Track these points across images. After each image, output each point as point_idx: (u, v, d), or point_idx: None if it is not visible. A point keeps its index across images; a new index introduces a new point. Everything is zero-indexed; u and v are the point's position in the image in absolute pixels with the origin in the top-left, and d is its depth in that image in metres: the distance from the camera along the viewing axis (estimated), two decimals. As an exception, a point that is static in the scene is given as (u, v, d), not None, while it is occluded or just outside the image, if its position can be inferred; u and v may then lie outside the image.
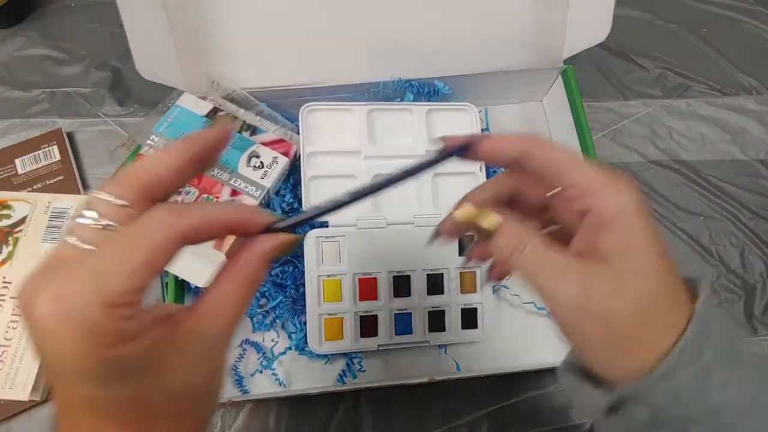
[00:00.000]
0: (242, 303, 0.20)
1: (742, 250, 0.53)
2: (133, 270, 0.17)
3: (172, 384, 0.19)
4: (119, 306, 0.17)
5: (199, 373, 0.20)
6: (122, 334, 0.17)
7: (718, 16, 0.65)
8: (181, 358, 0.19)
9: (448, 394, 0.45)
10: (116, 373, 0.17)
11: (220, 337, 0.20)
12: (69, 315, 0.16)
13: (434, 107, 0.48)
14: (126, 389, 0.18)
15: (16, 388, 0.40)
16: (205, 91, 0.48)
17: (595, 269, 0.21)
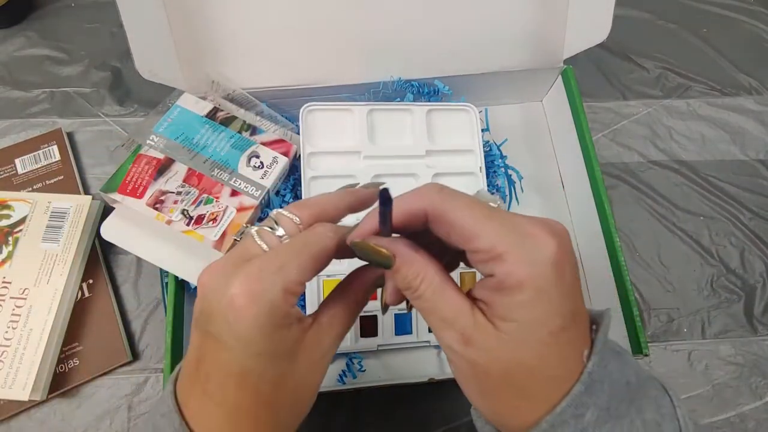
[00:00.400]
0: (349, 322, 0.26)
1: (742, 250, 0.53)
2: (304, 265, 0.23)
3: (300, 375, 0.24)
4: (292, 293, 0.22)
5: (316, 372, 0.25)
6: (289, 317, 0.23)
7: (718, 16, 0.65)
8: (307, 357, 0.24)
9: (448, 394, 0.45)
10: (274, 352, 0.22)
11: (332, 346, 0.25)
12: (258, 294, 0.21)
13: (434, 107, 0.48)
14: (275, 368, 0.23)
15: (16, 388, 0.40)
16: (205, 91, 0.48)
17: (482, 323, 0.21)
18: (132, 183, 0.42)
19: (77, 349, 0.44)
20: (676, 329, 0.50)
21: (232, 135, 0.45)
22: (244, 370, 0.22)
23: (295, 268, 0.22)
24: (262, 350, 0.22)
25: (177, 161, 0.43)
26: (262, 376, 0.23)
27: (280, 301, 0.22)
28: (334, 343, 0.25)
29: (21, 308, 0.43)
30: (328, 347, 0.25)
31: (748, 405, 0.47)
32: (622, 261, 0.43)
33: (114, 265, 0.48)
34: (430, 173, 0.47)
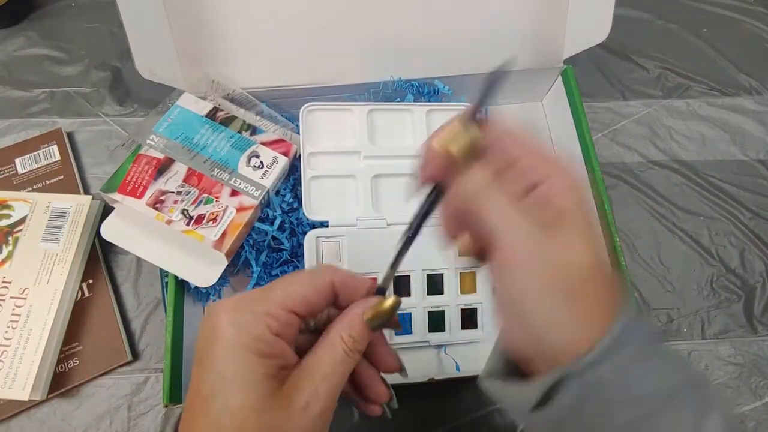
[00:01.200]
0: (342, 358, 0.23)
1: (742, 250, 0.53)
2: (291, 295, 0.22)
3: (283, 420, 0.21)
4: (274, 318, 0.21)
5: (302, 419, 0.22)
6: (272, 347, 0.21)
7: (718, 16, 0.65)
8: (291, 398, 0.22)
9: (448, 394, 0.45)
10: (250, 381, 0.21)
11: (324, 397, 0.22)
12: (238, 315, 0.21)
13: (434, 107, 0.48)
14: (249, 400, 0.21)
15: (16, 388, 0.40)
16: (205, 91, 0.48)
17: (550, 226, 0.21)
18: (132, 183, 0.42)
19: (77, 349, 0.44)
20: (676, 329, 0.50)
21: (232, 135, 0.45)
22: (210, 394, 0.21)
23: (279, 295, 0.22)
24: (226, 372, 0.21)
25: (177, 161, 0.43)
26: (224, 407, 0.21)
27: (258, 324, 0.21)
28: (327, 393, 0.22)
29: (21, 308, 0.43)
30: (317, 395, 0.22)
31: (748, 405, 0.47)
32: (622, 261, 0.43)
33: (114, 265, 0.48)
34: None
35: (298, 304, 0.23)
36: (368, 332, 0.24)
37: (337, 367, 0.23)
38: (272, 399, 0.21)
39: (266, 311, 0.21)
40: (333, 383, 0.22)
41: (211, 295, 0.45)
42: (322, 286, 0.24)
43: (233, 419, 0.20)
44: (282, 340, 0.22)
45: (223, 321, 0.21)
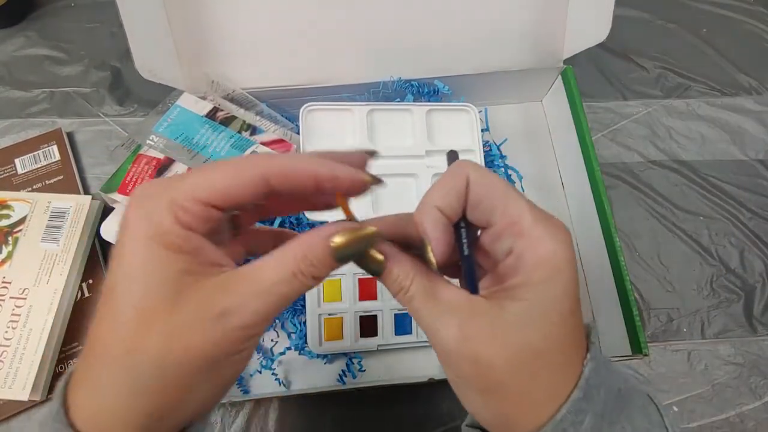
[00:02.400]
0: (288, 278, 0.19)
1: (742, 250, 0.53)
2: (207, 185, 0.19)
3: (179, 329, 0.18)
4: (182, 208, 0.18)
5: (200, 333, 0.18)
6: (181, 243, 0.18)
7: (718, 16, 0.65)
8: (194, 308, 0.18)
9: (448, 394, 0.45)
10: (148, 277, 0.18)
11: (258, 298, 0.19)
12: (145, 200, 0.19)
13: (434, 107, 0.48)
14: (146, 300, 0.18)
15: (16, 388, 0.40)
16: (205, 91, 0.48)
17: (483, 310, 0.20)
18: (132, 183, 0.42)
19: (77, 349, 0.44)
20: (676, 329, 0.50)
21: (231, 135, 0.45)
22: (111, 292, 0.18)
23: (196, 179, 0.19)
24: (129, 271, 0.18)
25: (177, 161, 0.43)
26: (122, 309, 0.18)
27: (166, 214, 0.18)
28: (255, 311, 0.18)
29: (21, 308, 0.43)
30: (241, 308, 0.18)
31: (747, 405, 0.47)
32: (622, 261, 0.43)
33: (114, 265, 0.48)
34: (430, 173, 0.47)
35: (215, 196, 0.19)
36: (331, 261, 0.20)
37: (280, 287, 0.19)
38: (182, 299, 0.18)
39: (174, 200, 0.18)
40: (267, 303, 0.19)
41: (211, 295, 0.45)
42: (249, 180, 0.19)
43: (136, 315, 0.18)
44: (197, 235, 0.19)
45: (132, 209, 0.18)
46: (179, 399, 0.18)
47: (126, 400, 0.18)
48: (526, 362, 0.20)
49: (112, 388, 0.18)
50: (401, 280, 0.21)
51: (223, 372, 0.19)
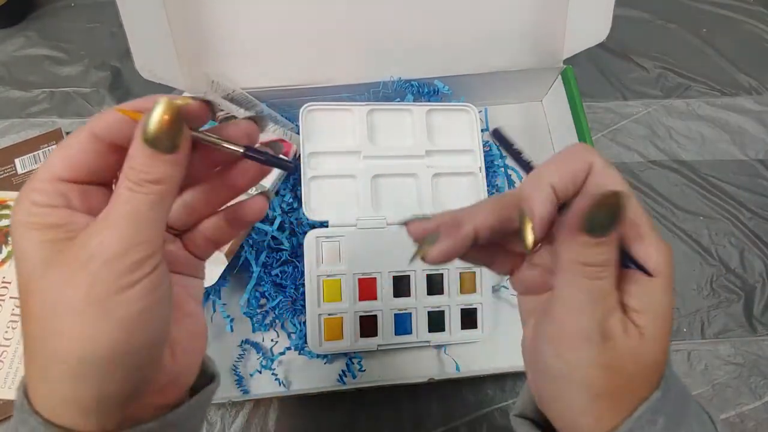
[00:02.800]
0: (127, 196, 0.18)
1: (742, 250, 0.53)
2: (54, 163, 0.19)
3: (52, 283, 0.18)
4: (37, 191, 0.19)
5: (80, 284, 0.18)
6: (41, 215, 0.19)
7: (718, 16, 0.65)
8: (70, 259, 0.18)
9: (448, 394, 0.45)
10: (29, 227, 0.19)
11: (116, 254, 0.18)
12: (19, 196, 0.19)
13: (434, 107, 0.48)
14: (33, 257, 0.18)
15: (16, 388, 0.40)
16: (205, 91, 0.48)
17: (623, 319, 0.20)
18: (132, 183, 0.42)
19: (77, 349, 0.44)
20: (676, 329, 0.50)
21: (232, 135, 0.45)
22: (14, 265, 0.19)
23: (49, 161, 0.19)
24: (14, 238, 0.19)
25: (177, 161, 0.43)
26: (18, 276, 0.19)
27: (25, 200, 0.19)
28: (111, 242, 0.18)
29: (21, 308, 0.43)
30: (101, 246, 0.18)
31: (748, 405, 0.47)
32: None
33: (114, 265, 0.48)
34: (430, 173, 0.47)
35: (60, 169, 0.19)
36: (151, 153, 0.18)
37: (125, 207, 0.18)
38: (54, 262, 0.18)
39: (30, 187, 0.19)
40: (120, 230, 0.18)
41: (211, 296, 0.45)
42: (83, 142, 0.19)
43: (21, 290, 0.19)
44: (61, 208, 0.19)
45: (14, 208, 0.19)
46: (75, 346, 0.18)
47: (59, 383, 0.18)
48: (649, 372, 0.20)
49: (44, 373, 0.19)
50: (607, 258, 0.19)
51: (128, 312, 0.18)
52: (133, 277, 0.18)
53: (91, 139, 0.19)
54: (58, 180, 0.19)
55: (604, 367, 0.20)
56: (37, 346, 0.19)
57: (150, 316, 0.19)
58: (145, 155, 0.18)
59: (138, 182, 0.18)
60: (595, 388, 0.20)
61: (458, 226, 0.21)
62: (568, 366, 0.20)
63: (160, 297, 0.19)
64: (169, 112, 0.18)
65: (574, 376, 0.20)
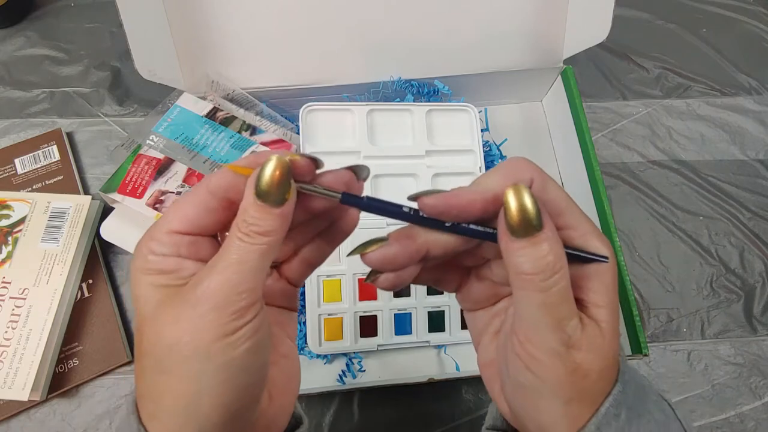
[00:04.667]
0: (237, 245, 0.20)
1: (742, 250, 0.53)
2: (172, 218, 0.21)
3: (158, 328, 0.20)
4: (156, 241, 0.21)
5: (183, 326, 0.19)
6: (156, 262, 0.21)
7: (718, 16, 0.65)
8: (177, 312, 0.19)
9: (448, 394, 0.45)
10: (144, 297, 0.20)
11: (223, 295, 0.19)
12: (144, 240, 0.21)
13: (434, 107, 0.48)
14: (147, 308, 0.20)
15: (16, 388, 0.40)
16: (205, 91, 0.48)
17: (586, 322, 0.21)
18: (132, 183, 0.42)
19: (77, 349, 0.44)
20: (676, 329, 0.50)
21: (231, 135, 0.45)
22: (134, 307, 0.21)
23: (168, 215, 0.21)
24: (134, 289, 0.21)
25: (177, 161, 0.43)
26: (136, 318, 0.21)
27: (144, 250, 0.21)
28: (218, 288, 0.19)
29: (21, 308, 0.43)
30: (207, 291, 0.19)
31: (747, 405, 0.47)
32: (622, 261, 0.43)
33: (114, 265, 0.48)
34: (429, 173, 0.47)
35: (177, 223, 0.21)
36: (262, 206, 0.20)
37: (233, 255, 0.19)
38: (165, 304, 0.20)
39: (150, 237, 0.21)
40: (227, 277, 0.19)
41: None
42: (200, 199, 0.21)
43: (138, 331, 0.21)
44: (173, 257, 0.21)
45: (138, 245, 0.21)
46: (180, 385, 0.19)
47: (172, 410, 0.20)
48: (607, 372, 0.21)
49: (156, 407, 0.20)
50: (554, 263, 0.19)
51: (230, 357, 0.19)
52: (237, 323, 0.19)
53: (206, 197, 0.21)
54: (172, 232, 0.21)
55: (571, 372, 0.20)
56: (149, 378, 0.20)
57: (250, 360, 0.20)
58: (256, 208, 0.20)
59: (248, 233, 0.19)
60: (566, 394, 0.20)
61: (411, 238, 0.23)
62: (538, 379, 0.20)
63: (260, 341, 0.20)
64: (279, 168, 0.20)
65: (545, 387, 0.21)
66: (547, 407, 0.21)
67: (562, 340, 0.20)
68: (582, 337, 0.20)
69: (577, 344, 0.20)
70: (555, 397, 0.21)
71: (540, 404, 0.21)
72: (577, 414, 0.21)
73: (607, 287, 0.21)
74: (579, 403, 0.21)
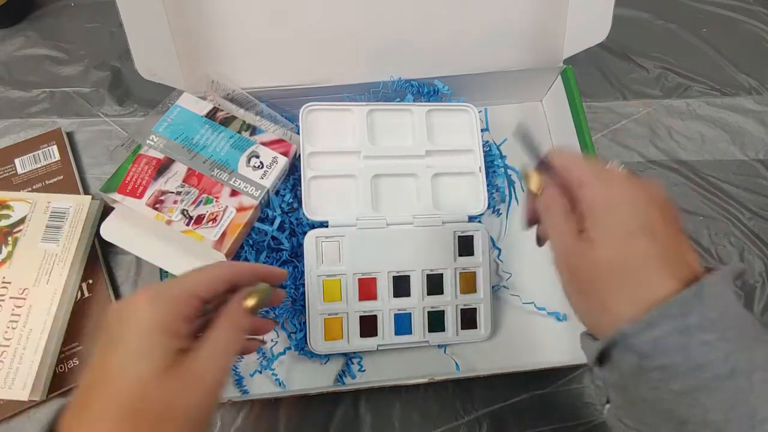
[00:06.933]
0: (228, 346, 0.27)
1: (742, 250, 0.53)
2: (198, 285, 0.27)
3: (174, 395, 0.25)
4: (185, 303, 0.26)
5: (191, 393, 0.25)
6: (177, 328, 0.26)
7: (718, 16, 0.65)
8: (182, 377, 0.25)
9: (448, 394, 0.45)
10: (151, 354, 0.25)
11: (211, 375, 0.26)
12: (155, 295, 0.26)
13: (434, 107, 0.48)
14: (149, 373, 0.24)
15: (16, 388, 0.40)
16: (205, 91, 0.48)
17: (579, 239, 0.28)
18: (132, 183, 0.42)
19: (77, 349, 0.44)
20: (676, 329, 0.50)
21: (231, 135, 0.45)
22: (119, 369, 0.24)
23: (189, 282, 0.27)
24: (138, 349, 0.24)
25: (177, 161, 0.43)
26: (130, 379, 0.24)
27: (175, 308, 0.26)
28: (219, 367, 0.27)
29: (21, 308, 0.43)
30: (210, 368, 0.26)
31: (747, 405, 0.47)
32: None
33: (114, 265, 0.48)
34: (429, 173, 0.47)
35: (204, 292, 0.27)
36: (249, 317, 0.29)
37: (229, 346, 0.27)
38: (172, 371, 0.24)
39: (182, 298, 0.26)
40: (224, 360, 0.27)
41: (211, 295, 0.45)
42: (223, 279, 0.28)
43: (140, 386, 0.24)
44: (187, 323, 0.26)
45: (143, 305, 0.25)
46: None
47: None
48: (607, 272, 0.26)
49: None
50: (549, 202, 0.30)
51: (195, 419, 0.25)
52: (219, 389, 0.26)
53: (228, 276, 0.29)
54: (197, 298, 0.27)
55: (572, 270, 0.28)
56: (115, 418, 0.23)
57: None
58: (245, 320, 0.29)
59: (237, 329, 0.28)
60: (574, 285, 0.28)
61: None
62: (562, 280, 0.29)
63: None
64: (263, 295, 0.30)
65: (566, 284, 0.29)
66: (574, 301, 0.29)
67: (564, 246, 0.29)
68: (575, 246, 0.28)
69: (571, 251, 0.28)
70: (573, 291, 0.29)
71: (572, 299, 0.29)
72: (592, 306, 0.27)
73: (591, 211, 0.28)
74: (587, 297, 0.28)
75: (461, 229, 0.46)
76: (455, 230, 0.46)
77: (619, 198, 0.27)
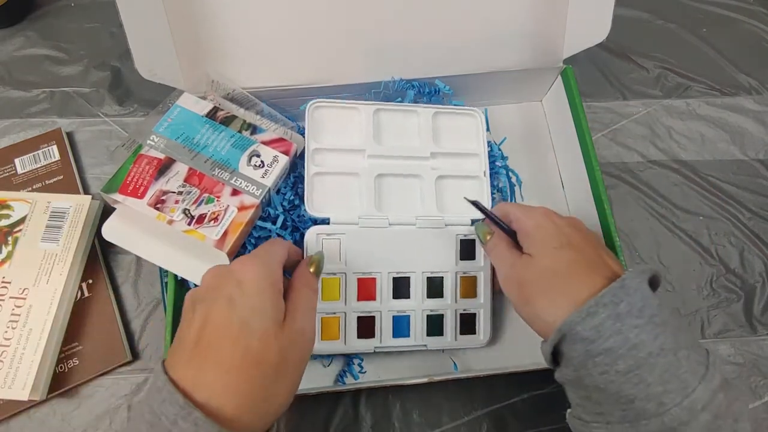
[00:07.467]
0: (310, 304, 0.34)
1: (742, 250, 0.53)
2: (284, 254, 0.35)
3: (284, 340, 0.30)
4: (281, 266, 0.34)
5: (297, 342, 0.31)
6: (280, 284, 0.32)
7: (718, 16, 0.65)
8: (289, 325, 0.31)
9: (448, 394, 0.45)
10: (264, 309, 0.30)
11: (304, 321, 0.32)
12: (263, 263, 0.32)
13: (441, 110, 0.48)
14: (264, 324, 0.29)
15: (16, 388, 0.40)
16: (205, 91, 0.48)
17: (521, 255, 0.37)
18: (133, 183, 0.42)
19: (77, 349, 0.44)
20: (676, 329, 0.50)
21: (232, 134, 0.45)
22: (242, 324, 0.28)
23: (278, 252, 0.34)
24: (257, 306, 0.29)
25: (178, 161, 0.43)
26: (253, 332, 0.28)
27: (276, 268, 0.32)
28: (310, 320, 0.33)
29: (20, 308, 0.43)
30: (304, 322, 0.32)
31: (747, 405, 0.47)
32: (622, 261, 0.43)
33: (114, 265, 0.48)
34: (434, 175, 0.47)
35: (285, 261, 0.35)
36: (316, 279, 0.36)
37: (311, 303, 0.33)
38: (283, 325, 0.30)
39: (279, 263, 0.33)
40: (313, 315, 0.33)
41: (211, 295, 0.45)
42: (294, 250, 0.37)
43: (260, 341, 0.28)
44: (282, 286, 0.32)
45: (256, 268, 0.31)
46: (289, 390, 0.30)
47: (247, 386, 0.28)
48: (546, 279, 0.34)
49: (235, 381, 0.27)
50: (492, 242, 0.41)
51: (300, 368, 0.32)
52: (312, 339, 0.33)
53: (294, 249, 0.38)
54: (282, 265, 0.34)
55: (517, 284, 0.36)
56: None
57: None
58: (312, 276, 0.36)
59: (314, 290, 0.35)
60: (521, 297, 0.36)
61: None
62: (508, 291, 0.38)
63: None
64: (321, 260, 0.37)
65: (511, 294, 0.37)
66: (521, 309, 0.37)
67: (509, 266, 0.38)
68: (518, 261, 0.37)
69: (516, 265, 0.37)
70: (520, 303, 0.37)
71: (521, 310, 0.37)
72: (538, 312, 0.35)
73: (526, 236, 0.38)
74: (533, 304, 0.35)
75: (464, 233, 0.46)
76: (458, 233, 0.46)
77: (543, 223, 0.37)
